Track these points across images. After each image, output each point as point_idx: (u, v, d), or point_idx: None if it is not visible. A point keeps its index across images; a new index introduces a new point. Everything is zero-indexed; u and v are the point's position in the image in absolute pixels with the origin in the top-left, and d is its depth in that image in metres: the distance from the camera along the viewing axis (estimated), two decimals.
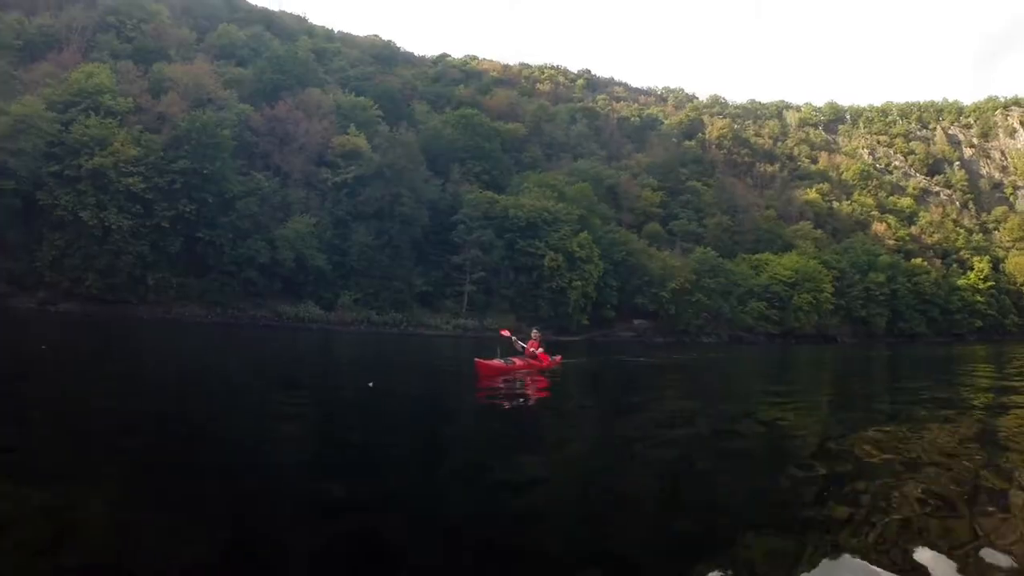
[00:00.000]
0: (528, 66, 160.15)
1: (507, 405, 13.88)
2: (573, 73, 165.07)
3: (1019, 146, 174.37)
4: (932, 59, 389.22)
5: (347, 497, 5.92)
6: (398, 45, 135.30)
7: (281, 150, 65.73)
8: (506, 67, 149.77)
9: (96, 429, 9.11)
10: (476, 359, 16.60)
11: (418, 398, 15.49)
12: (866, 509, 5.91)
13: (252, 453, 7.84)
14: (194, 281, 56.19)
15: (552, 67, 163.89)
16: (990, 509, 5.83)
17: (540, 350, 20.19)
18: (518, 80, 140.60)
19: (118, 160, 51.67)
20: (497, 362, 17.35)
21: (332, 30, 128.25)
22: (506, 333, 22.02)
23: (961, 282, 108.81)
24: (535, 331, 21.14)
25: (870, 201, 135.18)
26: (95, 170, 50.84)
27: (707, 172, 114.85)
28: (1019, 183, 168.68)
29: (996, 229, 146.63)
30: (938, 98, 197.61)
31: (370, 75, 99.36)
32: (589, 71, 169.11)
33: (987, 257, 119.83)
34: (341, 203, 65.17)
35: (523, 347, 20.03)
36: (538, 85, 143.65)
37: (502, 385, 15.84)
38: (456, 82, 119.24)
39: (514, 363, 17.82)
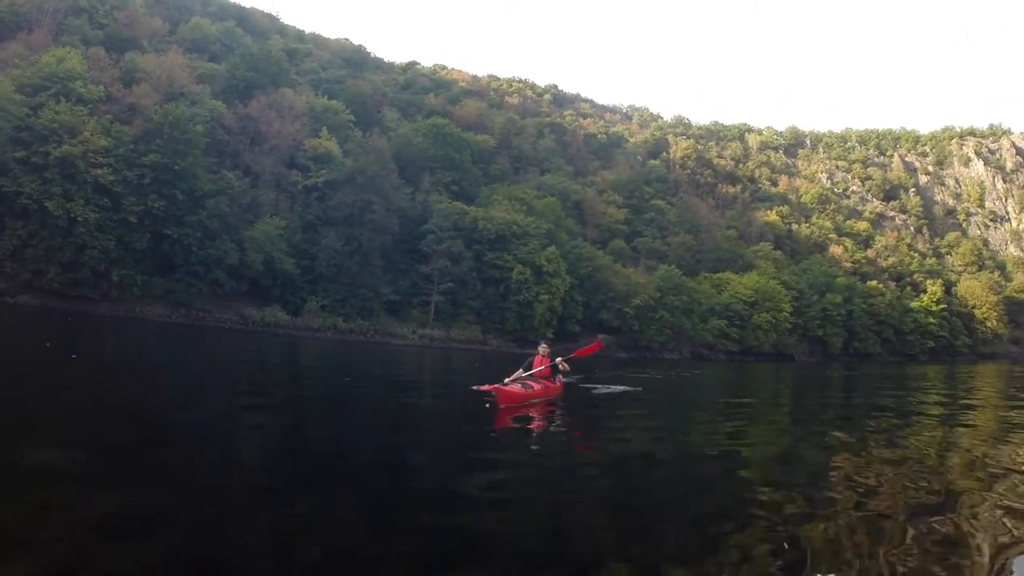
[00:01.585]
0: (496, 78, 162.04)
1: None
2: (540, 88, 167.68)
3: (973, 175, 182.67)
4: (891, 88, 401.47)
5: (306, 511, 5.60)
6: (368, 50, 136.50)
7: (252, 149, 65.66)
8: (475, 78, 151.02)
9: (46, 424, 8.77)
10: (496, 386, 12.91)
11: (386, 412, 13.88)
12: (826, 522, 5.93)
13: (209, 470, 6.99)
14: (159, 280, 55.29)
15: (520, 80, 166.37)
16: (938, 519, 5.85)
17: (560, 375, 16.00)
18: (487, 92, 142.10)
19: (87, 150, 50.62)
20: (516, 388, 13.61)
21: (303, 31, 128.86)
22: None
23: (914, 304, 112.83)
24: (543, 345, 16.33)
25: (828, 224, 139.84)
26: (63, 159, 49.72)
27: (671, 191, 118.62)
28: (972, 210, 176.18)
29: (949, 254, 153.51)
30: (896, 126, 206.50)
31: (341, 78, 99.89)
32: (556, 86, 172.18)
33: (940, 281, 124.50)
34: (311, 207, 65.37)
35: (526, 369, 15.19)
36: (507, 98, 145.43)
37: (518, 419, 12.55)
38: (426, 90, 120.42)
39: (533, 388, 14.20)
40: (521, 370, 14.98)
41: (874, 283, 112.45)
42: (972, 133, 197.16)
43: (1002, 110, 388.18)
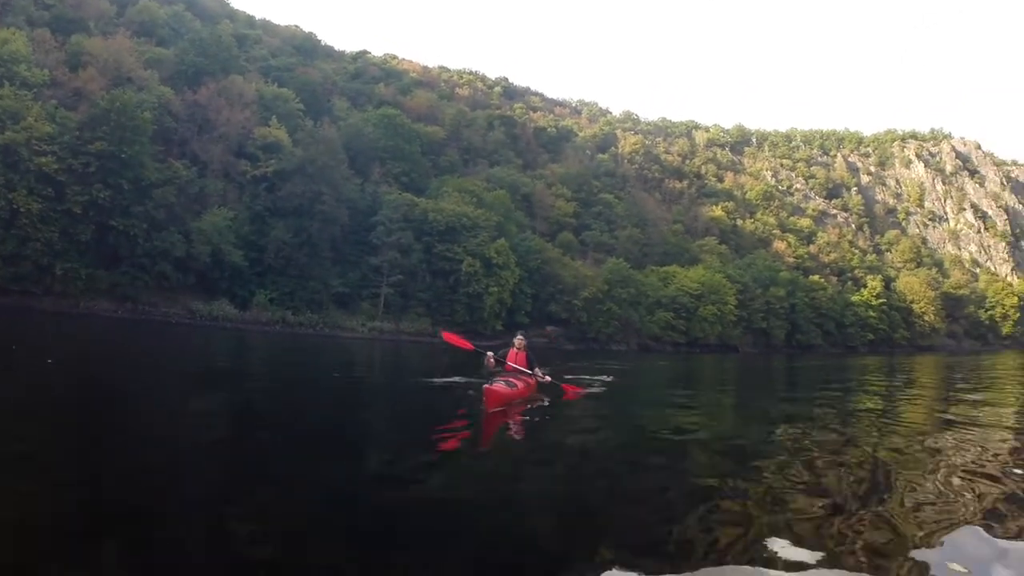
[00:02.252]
0: (447, 69, 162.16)
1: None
2: (491, 80, 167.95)
3: (913, 176, 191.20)
4: (836, 91, 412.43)
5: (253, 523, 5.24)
6: (319, 38, 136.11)
7: (200, 138, 64.70)
8: (426, 69, 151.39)
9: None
10: (486, 386, 11.70)
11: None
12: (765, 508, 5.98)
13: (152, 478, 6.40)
14: (104, 273, 53.36)
15: (471, 72, 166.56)
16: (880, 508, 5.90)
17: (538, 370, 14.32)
18: (437, 83, 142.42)
19: (31, 136, 49.11)
20: (500, 387, 12.00)
21: (253, 16, 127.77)
22: (456, 340, 16.64)
23: (855, 298, 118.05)
24: (519, 337, 14.87)
25: (772, 220, 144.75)
26: (6, 146, 48.17)
27: (619, 185, 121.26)
28: (911, 209, 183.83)
29: (888, 251, 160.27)
30: (840, 127, 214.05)
31: (291, 66, 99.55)
32: (507, 79, 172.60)
33: (879, 276, 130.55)
34: (260, 197, 64.82)
35: (498, 361, 14.00)
36: (457, 89, 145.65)
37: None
38: (376, 80, 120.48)
39: (517, 387, 12.67)
40: (491, 357, 13.91)
41: (816, 278, 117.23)
42: (914, 136, 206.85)
43: (944, 115, 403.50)
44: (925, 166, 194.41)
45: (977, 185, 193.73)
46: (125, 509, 5.13)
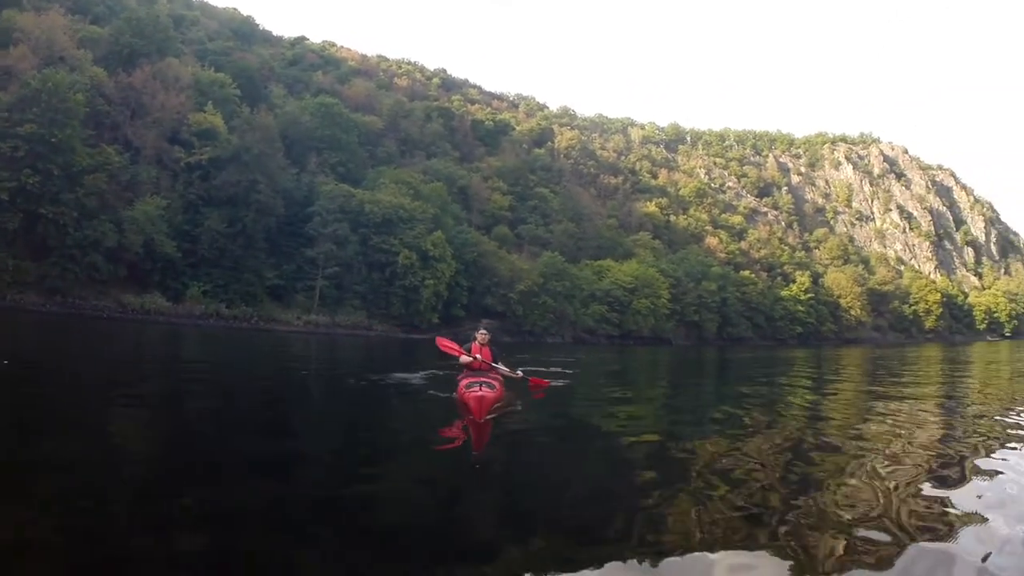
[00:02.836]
0: (386, 59, 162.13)
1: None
2: (430, 71, 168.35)
3: (842, 177, 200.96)
4: (770, 93, 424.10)
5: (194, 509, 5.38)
6: (257, 21, 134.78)
7: (133, 122, 62.61)
8: (364, 57, 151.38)
9: None
10: (472, 393, 10.66)
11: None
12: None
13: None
14: (31, 265, 50.80)
15: (409, 63, 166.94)
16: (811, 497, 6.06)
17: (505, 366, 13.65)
18: (376, 72, 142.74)
19: None
20: (487, 392, 10.89)
21: None
22: (449, 346, 14.01)
23: (784, 293, 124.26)
24: (483, 331, 13.60)
25: (704, 217, 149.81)
26: None
27: (554, 180, 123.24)
28: (839, 209, 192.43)
29: (816, 248, 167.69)
30: (772, 129, 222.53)
31: (229, 50, 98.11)
32: (445, 70, 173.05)
33: (808, 272, 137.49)
34: (193, 186, 63.03)
35: (473, 357, 12.94)
36: (396, 80, 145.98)
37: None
38: (314, 67, 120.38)
39: (496, 388, 11.60)
40: (462, 354, 12.84)
41: (747, 273, 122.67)
42: (844, 139, 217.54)
43: (873, 120, 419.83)
44: (854, 168, 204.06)
45: (903, 187, 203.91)
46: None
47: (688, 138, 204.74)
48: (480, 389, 11.02)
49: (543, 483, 7.13)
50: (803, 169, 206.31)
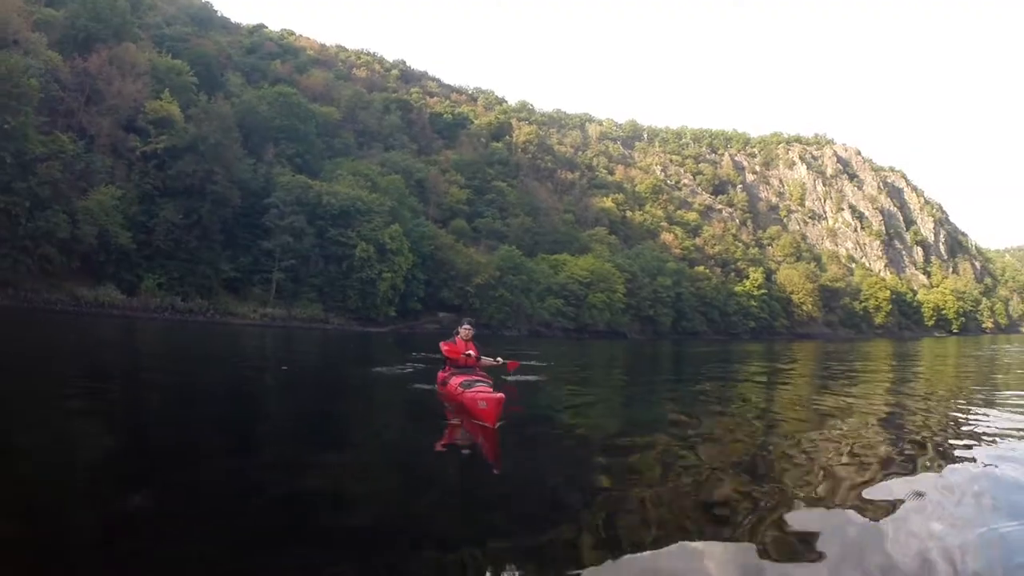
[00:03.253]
0: (345, 49, 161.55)
1: None
2: (389, 63, 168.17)
3: (796, 176, 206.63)
4: (728, 93, 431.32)
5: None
6: (215, 8, 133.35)
7: (88, 109, 60.79)
8: (323, 47, 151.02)
9: None
10: (485, 395, 9.49)
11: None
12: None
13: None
14: None
15: (368, 53, 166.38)
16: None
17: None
18: (335, 62, 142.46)
19: None
20: (492, 392, 9.66)
21: None
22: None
23: (738, 288, 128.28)
24: (467, 326, 12.81)
25: (660, 213, 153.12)
26: None
27: (512, 174, 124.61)
28: (793, 207, 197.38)
29: (770, 245, 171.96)
30: (728, 128, 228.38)
31: (186, 36, 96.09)
32: (404, 62, 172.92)
33: (761, 268, 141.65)
34: (149, 176, 61.40)
35: (467, 355, 12.34)
36: (354, 70, 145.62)
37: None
38: (273, 56, 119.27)
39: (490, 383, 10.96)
40: (459, 354, 12.16)
41: (701, 268, 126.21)
42: (798, 140, 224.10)
43: (828, 122, 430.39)
44: (807, 168, 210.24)
45: (856, 188, 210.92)
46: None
47: (645, 135, 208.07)
48: (483, 389, 9.99)
49: (508, 479, 7.00)
50: (758, 168, 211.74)
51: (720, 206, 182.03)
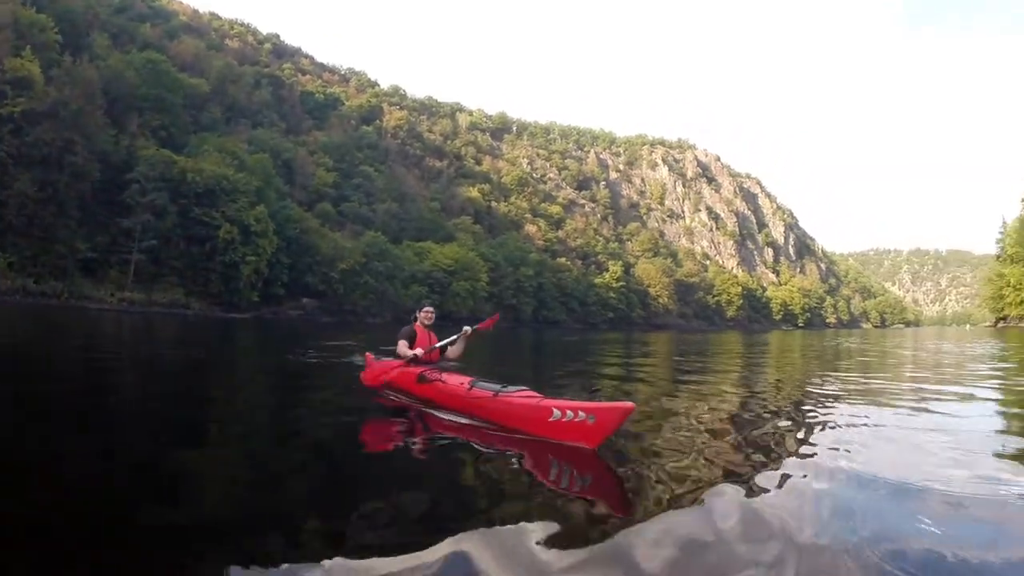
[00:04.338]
0: (218, 17, 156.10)
1: None
2: (262, 35, 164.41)
3: (657, 177, 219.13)
4: (597, 93, 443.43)
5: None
6: None
7: None
8: (196, 13, 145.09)
9: None
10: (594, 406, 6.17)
11: None
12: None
13: None
14: None
15: (242, 24, 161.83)
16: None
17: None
18: (207, 31, 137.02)
19: None
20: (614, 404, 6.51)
21: None
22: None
23: (598, 280, 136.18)
24: (428, 309, 9.41)
25: (525, 205, 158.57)
26: None
27: (380, 159, 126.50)
28: (653, 206, 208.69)
29: (629, 240, 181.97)
30: (596, 127, 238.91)
31: None
32: (278, 36, 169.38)
33: (620, 262, 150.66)
34: (3, 141, 54.90)
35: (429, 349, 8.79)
36: (227, 41, 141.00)
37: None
38: (142, 18, 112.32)
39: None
40: (403, 344, 8.76)
41: (563, 260, 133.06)
42: (662, 143, 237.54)
43: (691, 128, 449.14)
44: (669, 170, 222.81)
45: (713, 191, 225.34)
46: None
47: (514, 128, 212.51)
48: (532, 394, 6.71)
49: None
50: (621, 167, 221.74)
51: (583, 201, 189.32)
